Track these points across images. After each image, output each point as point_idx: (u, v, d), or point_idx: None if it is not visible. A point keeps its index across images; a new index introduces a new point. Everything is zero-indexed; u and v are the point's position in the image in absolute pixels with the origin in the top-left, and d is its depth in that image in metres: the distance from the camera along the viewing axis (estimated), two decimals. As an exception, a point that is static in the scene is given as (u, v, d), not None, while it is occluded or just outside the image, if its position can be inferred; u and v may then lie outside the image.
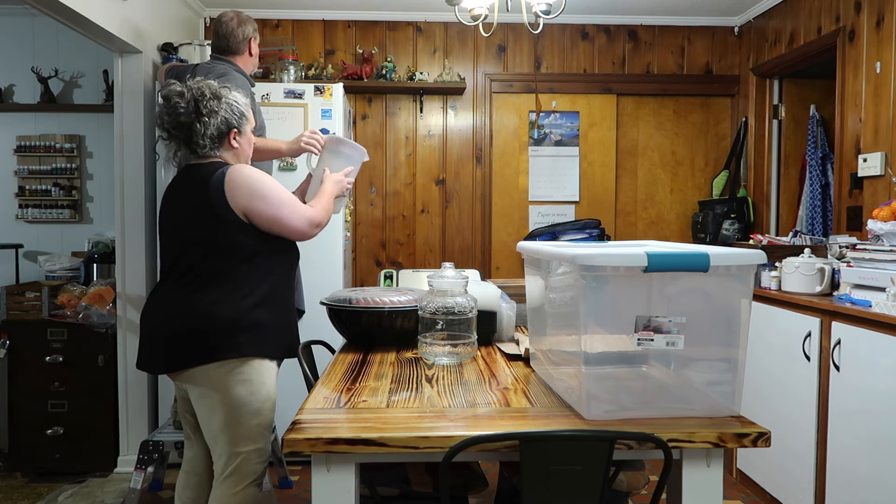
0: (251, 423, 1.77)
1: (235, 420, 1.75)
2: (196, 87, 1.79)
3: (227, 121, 1.80)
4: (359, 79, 3.99)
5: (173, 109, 1.76)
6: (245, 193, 1.72)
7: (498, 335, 2.13)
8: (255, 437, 1.79)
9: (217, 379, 1.73)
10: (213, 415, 1.76)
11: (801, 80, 3.98)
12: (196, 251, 1.75)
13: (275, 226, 1.77)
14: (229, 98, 1.82)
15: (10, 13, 3.82)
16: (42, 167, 3.90)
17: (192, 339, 1.72)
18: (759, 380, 2.85)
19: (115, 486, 3.03)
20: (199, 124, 1.76)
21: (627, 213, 4.29)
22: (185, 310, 1.74)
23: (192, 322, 1.72)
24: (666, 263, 1.26)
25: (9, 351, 3.17)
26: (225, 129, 1.81)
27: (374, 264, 4.17)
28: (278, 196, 1.77)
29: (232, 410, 1.75)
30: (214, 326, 1.72)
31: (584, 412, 1.31)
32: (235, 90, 1.86)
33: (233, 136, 1.83)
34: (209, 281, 1.74)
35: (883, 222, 2.41)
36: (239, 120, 1.84)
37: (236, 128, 1.83)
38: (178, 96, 1.77)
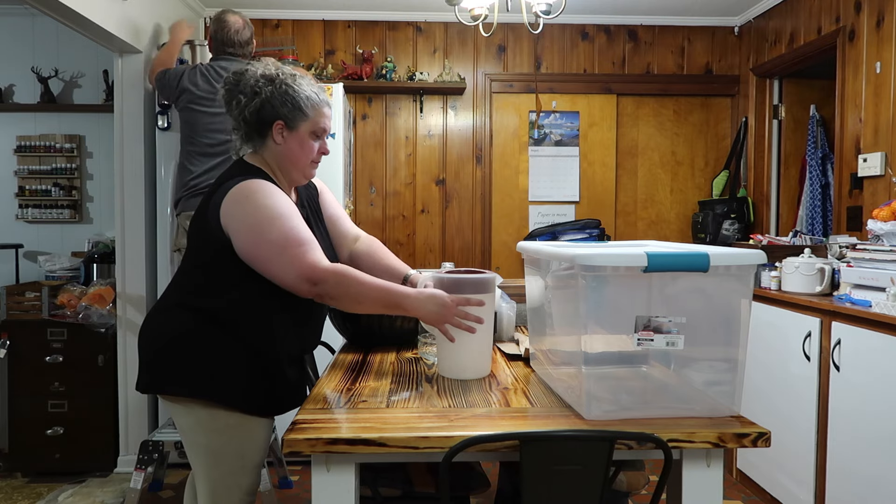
0: (235, 464, 1.55)
1: (216, 461, 1.54)
2: (255, 68, 1.57)
3: (271, 107, 1.54)
4: (359, 79, 3.99)
5: (224, 85, 1.59)
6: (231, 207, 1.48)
7: (498, 335, 2.13)
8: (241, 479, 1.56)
9: (197, 416, 1.53)
10: (196, 451, 1.56)
11: (801, 80, 3.98)
12: (198, 269, 1.56)
13: (252, 260, 1.48)
14: (288, 83, 1.55)
15: (10, 13, 3.82)
16: (42, 167, 3.90)
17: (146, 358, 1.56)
18: (759, 380, 2.85)
19: (115, 486, 3.03)
20: (235, 102, 1.56)
21: (627, 213, 4.29)
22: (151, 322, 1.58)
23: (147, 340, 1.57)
24: (666, 263, 1.26)
25: (9, 351, 3.17)
26: (267, 117, 1.55)
27: (374, 264, 4.17)
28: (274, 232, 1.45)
29: (213, 451, 1.53)
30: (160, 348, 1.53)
31: (584, 412, 1.31)
32: (311, 85, 1.60)
33: (277, 130, 1.56)
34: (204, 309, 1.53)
35: (883, 222, 2.41)
36: (291, 113, 1.55)
37: (282, 119, 1.55)
38: (236, 73, 1.58)
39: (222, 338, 1.51)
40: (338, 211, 1.90)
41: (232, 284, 1.52)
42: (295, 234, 1.47)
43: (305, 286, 1.47)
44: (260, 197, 1.48)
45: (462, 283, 1.62)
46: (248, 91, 1.54)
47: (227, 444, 1.54)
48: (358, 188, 4.16)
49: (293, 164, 1.60)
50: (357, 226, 2.00)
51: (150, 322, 1.60)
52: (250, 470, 1.58)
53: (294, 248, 1.46)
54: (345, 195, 3.36)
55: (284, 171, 1.62)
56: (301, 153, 1.59)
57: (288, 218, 1.48)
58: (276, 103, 1.54)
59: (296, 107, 1.56)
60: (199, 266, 1.56)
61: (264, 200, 1.47)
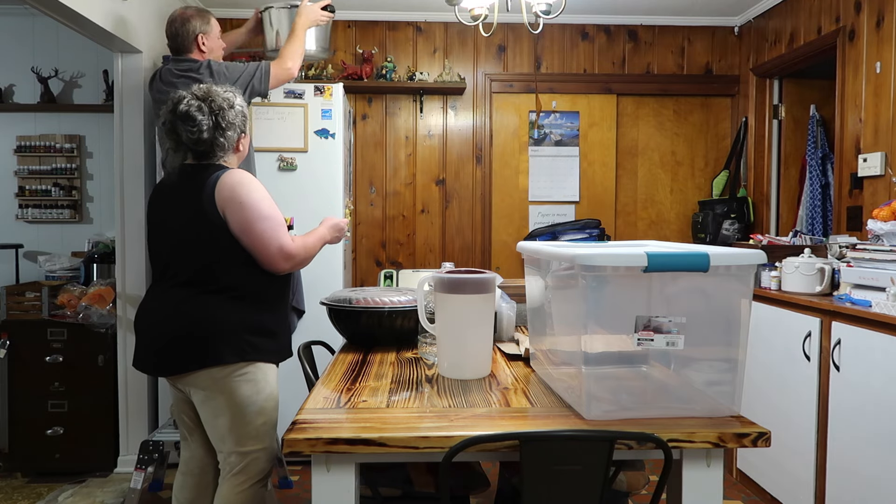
0: (257, 422, 1.78)
1: (242, 420, 1.76)
2: (211, 101, 1.76)
3: (240, 128, 1.82)
4: (359, 79, 3.99)
5: (197, 127, 1.74)
6: (226, 195, 1.70)
7: (498, 335, 2.13)
8: (262, 436, 1.79)
9: (221, 381, 1.73)
10: (219, 416, 1.76)
11: (801, 80, 3.98)
12: (193, 254, 1.73)
13: (244, 237, 1.72)
14: (236, 104, 1.81)
15: (10, 13, 3.82)
16: (42, 167, 3.90)
17: (194, 343, 1.71)
18: (759, 380, 2.85)
19: (115, 486, 3.03)
20: (223, 139, 1.77)
21: (627, 213, 4.29)
22: (186, 312, 1.72)
23: (194, 326, 1.71)
24: (666, 263, 1.26)
25: (9, 351, 3.17)
26: (237, 135, 1.82)
27: (374, 264, 4.17)
28: (259, 208, 1.72)
29: (238, 411, 1.75)
30: (218, 331, 1.71)
31: (584, 412, 1.31)
32: (233, 90, 1.85)
33: (240, 142, 1.84)
34: (209, 284, 1.73)
35: (883, 222, 2.41)
36: (245, 124, 1.85)
37: (244, 132, 1.85)
38: (197, 111, 1.74)
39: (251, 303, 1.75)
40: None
41: (239, 261, 1.73)
42: (277, 216, 1.76)
43: (282, 262, 1.75)
44: (248, 182, 1.74)
45: (462, 283, 1.62)
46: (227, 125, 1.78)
47: (248, 401, 1.75)
48: (358, 188, 4.16)
49: (244, 161, 1.94)
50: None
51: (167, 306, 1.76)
52: (270, 429, 1.81)
53: (279, 225, 1.75)
54: (345, 195, 3.37)
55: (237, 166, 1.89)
56: (246, 151, 1.90)
57: (269, 201, 1.76)
58: (240, 124, 1.82)
59: (245, 118, 1.85)
60: (208, 248, 1.73)
61: (254, 185, 1.74)
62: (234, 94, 1.83)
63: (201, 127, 1.73)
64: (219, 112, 1.76)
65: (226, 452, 1.78)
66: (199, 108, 1.74)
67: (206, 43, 2.61)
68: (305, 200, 3.21)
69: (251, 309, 1.76)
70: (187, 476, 1.96)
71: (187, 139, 1.74)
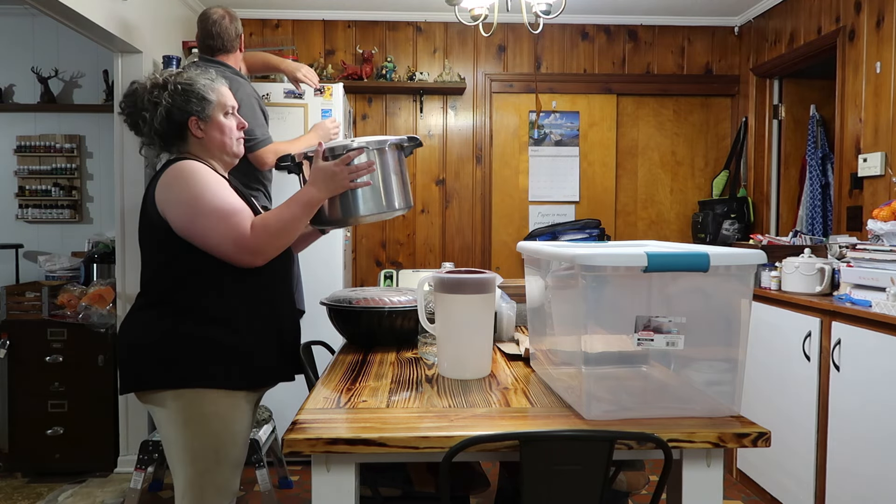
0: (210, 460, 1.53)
1: (191, 457, 1.52)
2: (143, 83, 1.59)
3: (178, 109, 1.56)
4: (359, 79, 3.99)
5: (122, 112, 1.61)
6: (163, 194, 1.52)
7: (498, 335, 2.13)
8: (216, 477, 1.54)
9: (156, 409, 1.54)
10: (169, 445, 1.56)
11: (801, 80, 3.98)
12: (143, 261, 1.60)
13: (192, 240, 1.51)
14: (181, 82, 1.57)
15: (10, 13, 3.82)
16: (42, 167, 3.90)
17: (123, 363, 1.57)
18: (759, 380, 2.85)
19: (115, 486, 3.03)
20: (142, 121, 1.57)
21: (627, 213, 4.29)
22: (123, 328, 1.60)
23: (122, 344, 1.58)
24: (666, 263, 1.26)
25: (9, 351, 3.17)
26: (178, 119, 1.57)
27: (374, 264, 4.17)
28: (198, 204, 1.49)
29: (187, 446, 1.52)
30: (134, 350, 1.54)
31: (584, 412, 1.31)
32: (201, 74, 1.63)
33: (194, 126, 1.59)
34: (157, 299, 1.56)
35: (883, 222, 2.41)
36: (198, 104, 1.58)
37: (195, 115, 1.58)
38: (127, 96, 1.60)
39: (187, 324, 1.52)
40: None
41: (183, 268, 1.53)
42: (227, 205, 1.51)
43: (246, 256, 1.52)
44: (188, 174, 1.52)
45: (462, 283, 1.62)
46: (149, 106, 1.57)
47: (201, 439, 1.52)
48: (358, 188, 4.15)
49: (220, 149, 1.65)
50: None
51: (121, 328, 1.63)
52: (227, 468, 1.55)
53: (229, 218, 1.50)
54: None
55: (215, 158, 1.66)
56: (223, 136, 1.64)
57: (216, 190, 1.52)
58: (179, 103, 1.57)
59: (200, 98, 1.59)
60: (149, 262, 1.59)
61: (193, 177, 1.52)
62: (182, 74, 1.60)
63: (123, 110, 1.60)
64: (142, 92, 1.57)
65: (176, 485, 1.56)
66: (132, 93, 1.59)
67: (243, 45, 2.69)
68: (305, 200, 3.21)
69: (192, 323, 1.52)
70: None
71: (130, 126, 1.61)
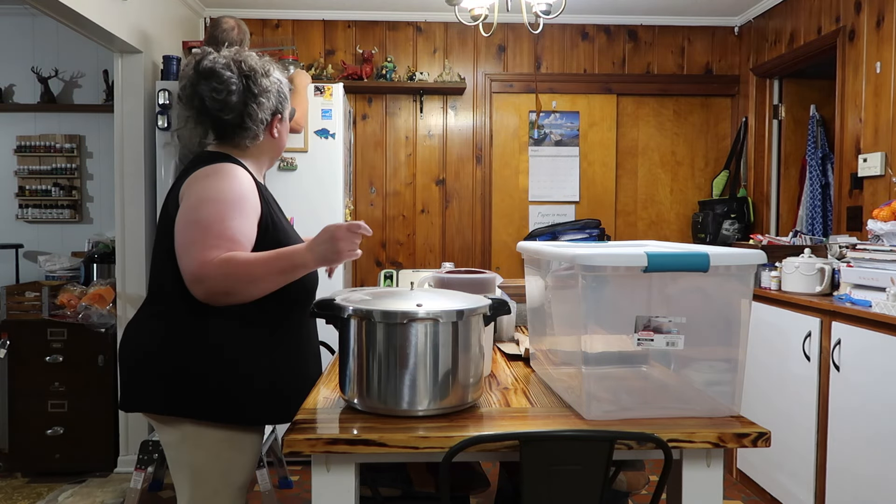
0: (216, 485, 1.46)
1: (198, 480, 1.45)
2: (241, 62, 1.44)
3: (275, 104, 1.48)
4: (359, 79, 3.99)
5: (224, 87, 1.40)
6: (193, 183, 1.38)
7: (498, 335, 2.13)
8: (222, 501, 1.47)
9: (163, 429, 1.46)
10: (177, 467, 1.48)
11: (801, 80, 3.98)
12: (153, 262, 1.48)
13: (175, 237, 1.36)
14: (273, 74, 1.48)
15: (10, 13, 3.82)
16: (42, 167, 3.90)
17: (129, 379, 1.47)
18: (759, 380, 2.85)
19: (115, 486, 3.03)
20: (255, 105, 1.43)
21: (627, 213, 4.29)
22: (130, 337, 1.48)
23: (128, 357, 1.46)
24: (666, 263, 1.26)
25: (9, 351, 3.17)
26: (270, 115, 1.48)
27: (374, 264, 4.17)
28: (195, 209, 1.33)
29: (195, 472, 1.45)
30: (143, 368, 1.43)
31: (584, 412, 1.31)
32: (274, 66, 1.51)
33: (276, 123, 1.51)
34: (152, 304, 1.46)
35: (883, 222, 2.41)
36: (283, 104, 1.51)
37: (280, 113, 1.51)
38: (224, 68, 1.41)
39: (195, 344, 1.40)
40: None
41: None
42: (223, 225, 1.31)
43: (192, 284, 1.31)
44: (223, 176, 1.37)
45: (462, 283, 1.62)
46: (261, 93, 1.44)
47: (211, 463, 1.45)
48: (358, 188, 4.16)
49: (280, 149, 1.56)
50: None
51: (124, 336, 1.50)
52: (234, 492, 1.49)
53: (210, 236, 1.30)
54: (345, 195, 3.37)
55: (264, 161, 1.55)
56: (284, 139, 1.56)
57: (232, 206, 1.33)
58: (274, 99, 1.47)
59: (286, 98, 1.50)
60: (160, 267, 1.45)
61: (225, 181, 1.36)
62: (271, 65, 1.49)
63: (229, 87, 1.40)
64: (250, 74, 1.42)
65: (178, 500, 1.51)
66: (227, 66, 1.42)
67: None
68: (306, 201, 3.21)
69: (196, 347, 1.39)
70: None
71: (212, 103, 1.41)
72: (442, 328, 1.27)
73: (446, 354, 1.28)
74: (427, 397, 1.28)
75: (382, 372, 1.28)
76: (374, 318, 1.27)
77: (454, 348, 1.29)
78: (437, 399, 1.29)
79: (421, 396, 1.28)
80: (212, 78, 1.41)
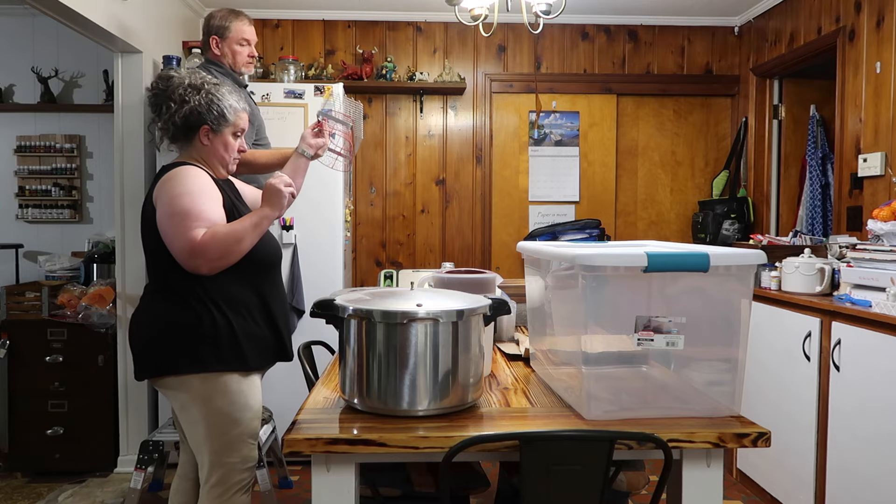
0: (232, 433, 1.69)
1: (215, 431, 1.67)
2: (179, 74, 1.74)
3: (198, 114, 1.70)
4: (359, 79, 3.99)
5: (151, 90, 1.75)
6: (157, 191, 1.66)
7: (498, 335, 2.13)
8: (239, 446, 1.71)
9: (189, 390, 1.66)
10: (193, 425, 1.69)
11: (801, 80, 3.98)
12: (149, 254, 1.72)
13: (162, 235, 1.63)
14: (213, 93, 1.72)
15: (10, 13, 3.82)
16: (42, 167, 3.90)
17: (153, 350, 1.67)
18: (759, 380, 2.85)
19: (115, 486, 3.03)
20: (165, 107, 1.71)
21: (627, 213, 4.29)
22: (145, 318, 1.71)
23: (151, 332, 1.68)
24: (666, 263, 1.26)
25: (9, 351, 3.17)
26: (195, 122, 1.71)
27: (374, 264, 4.17)
28: (172, 204, 1.60)
29: (210, 422, 1.67)
30: (171, 337, 1.65)
31: (584, 412, 1.31)
32: (231, 93, 1.77)
33: (204, 133, 1.73)
34: (163, 287, 1.69)
35: (883, 222, 2.41)
36: (216, 119, 1.73)
37: (208, 124, 1.72)
38: (162, 79, 1.74)
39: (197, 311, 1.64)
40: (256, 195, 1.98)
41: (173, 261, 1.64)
42: (194, 210, 1.59)
43: (191, 261, 1.59)
44: (182, 177, 1.65)
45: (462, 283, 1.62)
46: (177, 99, 1.70)
47: (223, 414, 1.66)
48: (358, 188, 4.16)
49: (218, 161, 1.78)
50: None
51: (133, 321, 1.75)
52: (247, 438, 1.71)
53: (189, 220, 1.58)
54: (345, 195, 3.37)
55: (210, 166, 1.78)
56: (224, 152, 1.78)
57: (196, 195, 1.62)
58: (202, 111, 1.71)
59: (220, 114, 1.73)
60: (149, 252, 1.70)
61: (184, 179, 1.64)
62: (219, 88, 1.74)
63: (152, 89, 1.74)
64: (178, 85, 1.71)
65: (202, 461, 1.71)
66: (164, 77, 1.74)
67: (231, 48, 2.62)
68: (306, 200, 3.20)
69: (212, 314, 1.65)
70: (183, 480, 1.93)
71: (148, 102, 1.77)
72: (442, 328, 1.28)
73: (446, 354, 1.28)
74: (427, 397, 1.28)
75: (382, 372, 1.28)
76: (373, 318, 1.28)
77: (454, 348, 1.29)
78: (437, 399, 1.29)
79: (421, 396, 1.28)
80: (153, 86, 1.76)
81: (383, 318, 1.27)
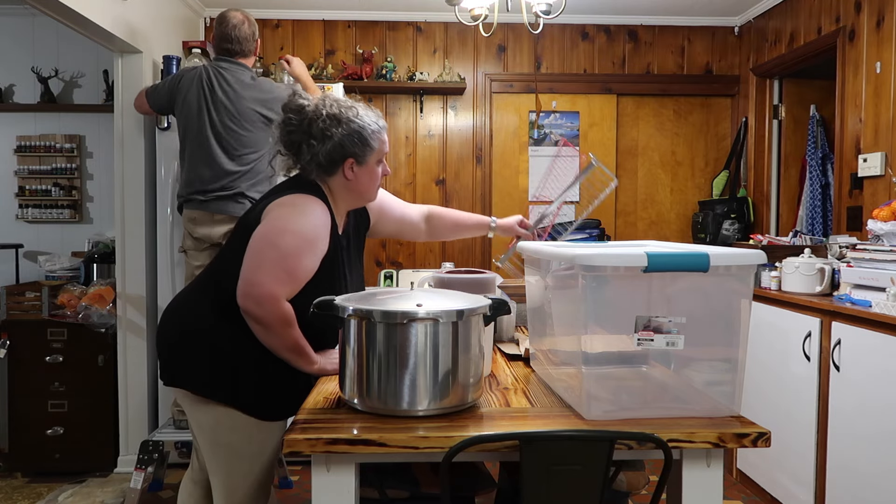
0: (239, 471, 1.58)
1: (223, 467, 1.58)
2: (314, 106, 1.59)
3: (342, 147, 1.57)
4: (359, 79, 3.99)
5: (285, 126, 1.60)
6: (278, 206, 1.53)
7: (498, 335, 2.13)
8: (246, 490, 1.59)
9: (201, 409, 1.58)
10: (202, 448, 1.61)
11: (801, 80, 3.98)
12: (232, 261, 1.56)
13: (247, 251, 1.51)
14: (354, 120, 1.58)
15: (10, 13, 3.82)
16: (42, 167, 3.90)
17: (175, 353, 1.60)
18: (759, 380, 2.85)
19: (115, 486, 3.03)
20: (306, 146, 1.57)
21: (627, 213, 4.29)
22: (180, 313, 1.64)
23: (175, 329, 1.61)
24: (666, 263, 1.26)
25: (9, 351, 3.17)
26: (338, 157, 1.58)
27: (375, 264, 4.17)
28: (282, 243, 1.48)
29: (216, 455, 1.58)
30: (178, 340, 1.58)
31: (584, 412, 1.31)
32: (367, 112, 1.63)
33: (348, 166, 1.60)
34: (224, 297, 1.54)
35: (883, 222, 2.41)
36: (361, 148, 1.59)
37: (352, 157, 1.59)
38: (294, 112, 1.59)
39: (239, 336, 1.53)
40: (389, 203, 1.93)
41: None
42: (294, 262, 1.48)
43: (246, 300, 1.47)
44: (307, 213, 1.52)
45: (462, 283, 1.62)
46: (318, 135, 1.56)
47: (246, 444, 1.58)
48: (358, 188, 4.15)
49: (361, 195, 1.66)
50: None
51: (168, 314, 1.65)
52: (267, 467, 1.63)
53: (281, 271, 1.47)
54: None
55: (349, 200, 1.67)
56: (370, 183, 1.66)
57: (308, 246, 1.50)
58: (346, 143, 1.57)
59: (364, 143, 1.59)
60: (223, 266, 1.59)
61: (307, 218, 1.52)
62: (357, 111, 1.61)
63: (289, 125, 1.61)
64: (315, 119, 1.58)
65: (212, 483, 1.64)
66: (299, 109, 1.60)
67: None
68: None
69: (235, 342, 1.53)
70: (196, 485, 1.86)
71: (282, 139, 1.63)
72: (442, 328, 1.28)
73: (446, 354, 1.28)
74: (427, 397, 1.28)
75: (382, 372, 1.28)
76: (374, 318, 1.28)
77: (454, 348, 1.29)
78: (437, 399, 1.29)
79: (421, 396, 1.28)
80: (283, 116, 1.60)
81: (383, 318, 1.27)
